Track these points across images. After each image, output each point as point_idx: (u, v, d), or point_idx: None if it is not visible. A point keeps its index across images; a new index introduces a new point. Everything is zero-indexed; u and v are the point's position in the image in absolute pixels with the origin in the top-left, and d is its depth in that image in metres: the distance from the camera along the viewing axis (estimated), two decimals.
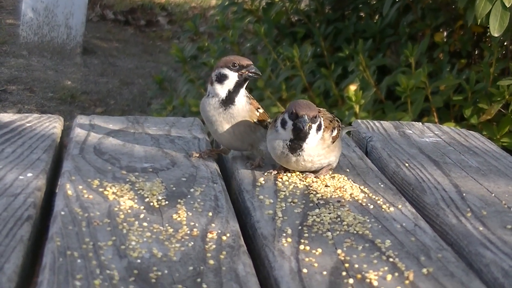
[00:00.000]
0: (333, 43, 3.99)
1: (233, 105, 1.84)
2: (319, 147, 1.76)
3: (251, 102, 1.87)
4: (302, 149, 1.75)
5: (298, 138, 1.74)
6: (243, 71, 1.82)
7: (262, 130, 1.87)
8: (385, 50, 3.91)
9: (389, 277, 1.30)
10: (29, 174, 1.68)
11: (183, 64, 4.41)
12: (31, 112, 3.97)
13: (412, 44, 3.34)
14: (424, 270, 1.33)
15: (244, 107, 1.85)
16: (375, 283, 1.27)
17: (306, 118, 1.71)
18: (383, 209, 1.61)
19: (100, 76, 6.52)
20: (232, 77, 1.83)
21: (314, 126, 1.74)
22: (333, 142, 1.80)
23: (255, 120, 1.86)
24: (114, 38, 7.82)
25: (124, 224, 1.44)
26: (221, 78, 1.83)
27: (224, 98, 1.84)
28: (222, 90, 1.84)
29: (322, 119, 1.77)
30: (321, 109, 1.84)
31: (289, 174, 1.79)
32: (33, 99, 5.72)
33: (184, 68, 4.44)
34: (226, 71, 1.83)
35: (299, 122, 1.71)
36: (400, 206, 1.64)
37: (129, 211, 1.51)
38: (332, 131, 1.80)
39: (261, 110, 1.88)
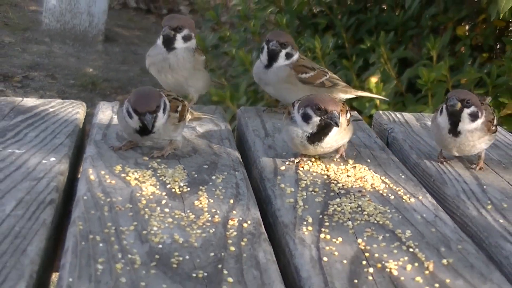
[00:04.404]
0: (354, 35, 3.97)
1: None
2: (338, 133, 1.77)
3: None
4: (322, 141, 1.76)
5: (322, 133, 1.74)
6: None
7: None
8: (407, 42, 3.88)
9: (409, 267, 1.29)
10: (52, 159, 1.69)
11: (204, 53, 4.40)
12: (53, 99, 3.98)
13: (434, 37, 3.32)
14: (444, 261, 1.33)
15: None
16: (395, 273, 1.27)
17: (337, 114, 1.70)
18: (403, 200, 1.61)
19: (121, 64, 6.54)
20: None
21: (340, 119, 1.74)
22: (348, 125, 1.81)
23: None
24: (136, 27, 7.84)
25: (146, 209, 1.44)
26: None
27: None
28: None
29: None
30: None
31: (310, 163, 1.79)
32: (55, 86, 5.74)
33: (206, 57, 4.43)
34: None
35: (330, 119, 1.70)
36: (420, 197, 1.63)
37: (151, 197, 1.52)
38: (346, 113, 1.80)
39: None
